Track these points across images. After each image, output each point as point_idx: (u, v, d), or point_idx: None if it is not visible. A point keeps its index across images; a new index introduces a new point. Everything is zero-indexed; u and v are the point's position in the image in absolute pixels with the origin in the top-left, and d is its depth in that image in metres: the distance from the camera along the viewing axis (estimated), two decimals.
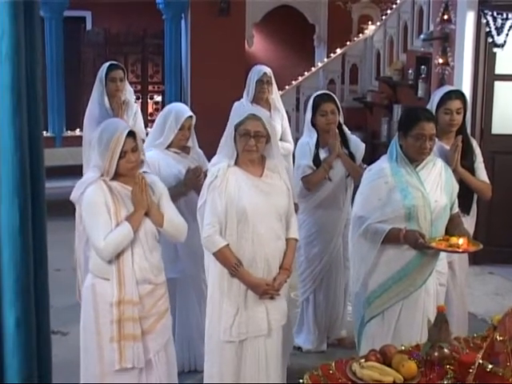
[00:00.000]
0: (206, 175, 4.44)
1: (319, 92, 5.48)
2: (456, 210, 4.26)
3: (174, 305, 5.00)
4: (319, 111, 5.19)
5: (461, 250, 4.02)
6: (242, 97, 6.78)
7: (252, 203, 3.98)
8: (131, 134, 3.78)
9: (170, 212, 3.96)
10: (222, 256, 3.99)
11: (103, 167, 3.75)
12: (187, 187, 4.80)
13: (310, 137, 5.26)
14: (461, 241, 3.95)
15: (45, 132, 9.85)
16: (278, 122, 6.53)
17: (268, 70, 6.62)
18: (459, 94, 4.80)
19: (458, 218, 4.27)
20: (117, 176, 3.79)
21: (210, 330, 4.13)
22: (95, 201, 3.72)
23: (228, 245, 3.98)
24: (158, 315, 3.89)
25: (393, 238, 3.99)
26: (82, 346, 3.89)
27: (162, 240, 4.80)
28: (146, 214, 3.82)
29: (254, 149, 3.98)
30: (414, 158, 4.09)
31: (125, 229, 3.71)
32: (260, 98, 6.62)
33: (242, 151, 4.00)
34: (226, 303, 4.02)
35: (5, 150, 1.97)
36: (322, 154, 5.20)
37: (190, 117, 4.90)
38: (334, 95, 5.33)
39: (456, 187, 4.26)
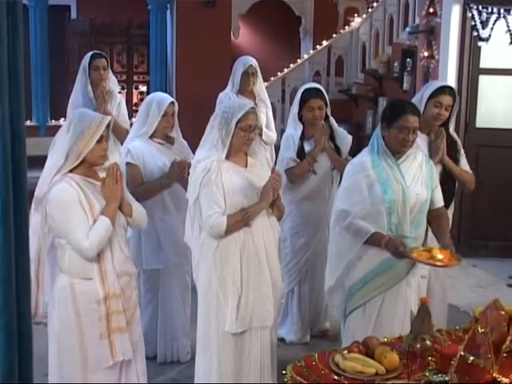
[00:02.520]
0: (190, 167, 4.43)
1: (308, 86, 5.41)
2: (441, 203, 4.25)
3: (157, 296, 5.00)
4: (306, 106, 5.17)
5: (439, 264, 3.94)
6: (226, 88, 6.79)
7: (247, 196, 4.01)
8: (109, 125, 3.70)
9: (134, 200, 3.91)
10: (232, 223, 3.96)
11: (74, 151, 3.59)
12: (171, 179, 4.79)
13: (294, 129, 5.25)
14: (440, 256, 3.89)
15: (29, 121, 9.78)
16: (263, 111, 6.57)
17: (254, 62, 6.64)
18: (452, 92, 4.82)
19: (444, 218, 4.24)
20: (80, 169, 3.65)
21: (207, 324, 4.10)
22: (68, 200, 3.57)
23: (227, 215, 3.96)
24: (133, 307, 3.85)
25: (374, 242, 4.00)
26: (57, 347, 3.73)
27: (144, 231, 4.80)
28: (119, 206, 3.73)
29: (251, 141, 4.06)
30: (396, 150, 4.10)
31: (104, 224, 3.60)
32: (245, 90, 6.63)
33: (242, 144, 4.03)
34: (225, 295, 4.01)
35: None
36: (307, 147, 5.20)
37: (172, 103, 4.90)
38: (322, 89, 5.28)
39: (437, 180, 4.27)
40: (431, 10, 7.19)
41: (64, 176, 3.62)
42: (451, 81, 7.05)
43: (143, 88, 11.30)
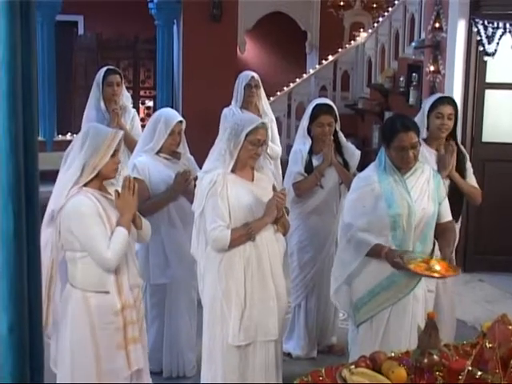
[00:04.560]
0: (195, 180, 4.45)
1: (319, 101, 5.41)
2: (448, 218, 4.25)
3: (163, 310, 5.00)
4: (317, 122, 5.17)
5: (437, 276, 3.92)
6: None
7: (252, 210, 4.03)
8: (120, 139, 3.75)
9: (139, 214, 3.94)
10: (236, 238, 3.98)
11: (89, 165, 3.63)
12: (176, 191, 4.80)
13: (303, 144, 5.25)
14: (438, 267, 3.87)
15: None
16: (268, 126, 6.56)
17: (255, 75, 6.69)
18: (451, 101, 4.86)
19: (450, 232, 4.24)
20: (93, 183, 3.69)
21: (212, 337, 4.11)
22: (87, 212, 3.61)
23: (231, 229, 3.98)
24: (141, 319, 3.89)
25: (375, 253, 4.02)
26: (70, 362, 3.73)
27: (151, 246, 4.80)
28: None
29: (258, 156, 4.08)
30: (401, 167, 4.12)
31: (122, 234, 3.64)
32: (249, 103, 6.65)
33: (249, 158, 4.05)
34: (229, 308, 4.02)
35: (0, 155, 1.97)
36: (316, 161, 5.20)
37: (180, 121, 4.90)
38: (333, 105, 5.29)
39: (445, 194, 4.27)
40: (437, 24, 7.21)
41: (80, 189, 3.65)
42: (457, 95, 7.06)
43: (150, 103, 11.35)
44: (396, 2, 10.07)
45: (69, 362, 3.74)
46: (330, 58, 10.76)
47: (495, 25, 6.58)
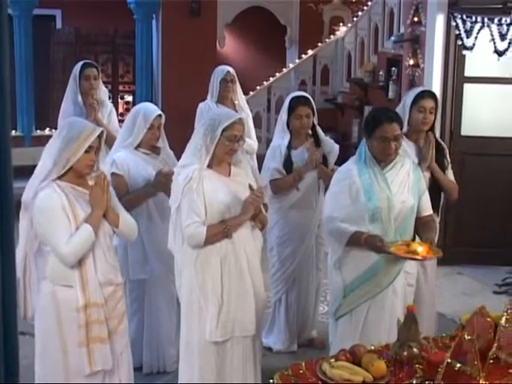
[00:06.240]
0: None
1: (296, 94, 5.45)
2: (429, 211, 4.27)
3: (143, 306, 4.99)
4: (294, 114, 5.18)
5: (419, 258, 3.94)
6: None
7: (228, 204, 4.00)
8: (101, 136, 3.72)
9: (123, 212, 3.91)
10: (211, 235, 3.95)
11: (62, 158, 3.60)
12: (156, 188, 4.78)
13: (282, 138, 5.24)
14: (420, 248, 3.90)
15: (14, 131, 9.73)
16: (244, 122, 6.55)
17: (231, 69, 6.67)
18: (432, 94, 4.87)
19: (431, 223, 4.27)
20: (68, 177, 3.67)
21: (189, 332, 4.09)
22: (51, 206, 3.59)
23: (207, 226, 3.95)
24: (118, 317, 3.84)
25: (355, 241, 4.03)
26: (40, 353, 3.77)
27: (130, 241, 4.78)
28: (104, 215, 3.73)
29: (234, 152, 4.04)
30: (381, 159, 4.12)
31: (86, 231, 3.61)
32: (225, 98, 6.63)
33: (225, 153, 4.02)
34: (206, 303, 4.00)
35: None
36: (294, 157, 5.20)
37: (159, 115, 4.88)
38: (310, 97, 5.31)
39: (425, 187, 4.29)
40: (416, 18, 7.23)
41: (50, 182, 3.63)
42: (436, 89, 7.06)
43: (129, 98, 11.30)
44: None
45: (39, 352, 3.77)
46: (310, 52, 10.78)
47: (473, 19, 6.61)
